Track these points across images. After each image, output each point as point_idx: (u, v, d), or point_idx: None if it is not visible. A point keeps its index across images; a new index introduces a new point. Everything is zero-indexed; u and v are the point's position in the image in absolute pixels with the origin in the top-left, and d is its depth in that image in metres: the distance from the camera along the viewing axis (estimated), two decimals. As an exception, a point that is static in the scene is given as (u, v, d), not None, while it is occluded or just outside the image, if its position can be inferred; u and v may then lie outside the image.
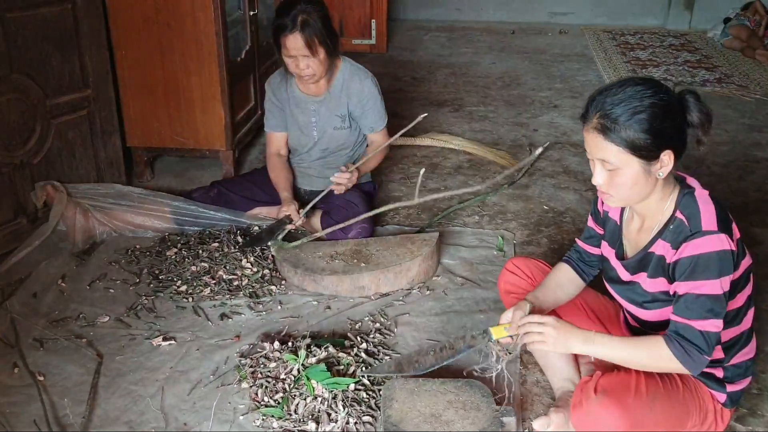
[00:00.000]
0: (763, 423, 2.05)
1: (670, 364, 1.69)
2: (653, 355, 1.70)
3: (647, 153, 1.65)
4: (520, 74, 5.59)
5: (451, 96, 5.02)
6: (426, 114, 2.52)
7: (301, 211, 2.86)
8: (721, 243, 1.66)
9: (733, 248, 1.67)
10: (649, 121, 1.63)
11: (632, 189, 1.72)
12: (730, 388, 1.85)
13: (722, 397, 1.85)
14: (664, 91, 1.67)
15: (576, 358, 2.12)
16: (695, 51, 6.37)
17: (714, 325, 1.67)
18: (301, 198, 3.08)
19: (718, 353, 1.83)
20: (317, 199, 2.84)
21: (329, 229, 2.78)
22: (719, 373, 1.85)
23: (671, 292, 1.77)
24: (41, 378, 2.18)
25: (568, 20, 7.41)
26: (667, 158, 1.67)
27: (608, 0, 7.37)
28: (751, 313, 1.86)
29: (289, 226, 2.85)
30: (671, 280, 1.75)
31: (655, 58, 6.11)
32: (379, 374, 1.97)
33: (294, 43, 2.69)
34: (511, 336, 1.87)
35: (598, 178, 1.74)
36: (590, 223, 2.06)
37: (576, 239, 2.13)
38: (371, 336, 2.39)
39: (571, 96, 5.02)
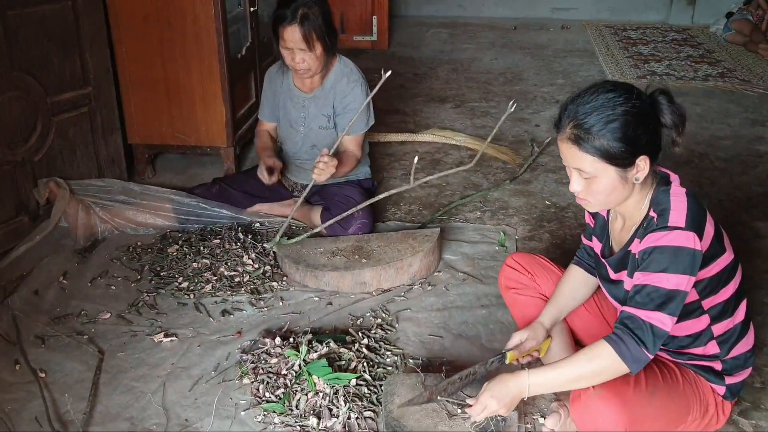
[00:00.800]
0: (767, 417, 2.04)
1: (611, 364, 1.63)
2: (593, 359, 1.64)
3: (622, 161, 1.64)
4: (522, 70, 5.58)
5: (452, 92, 5.01)
6: (390, 71, 2.49)
7: (295, 202, 2.92)
8: (685, 240, 1.63)
9: (698, 248, 1.63)
10: (622, 130, 1.61)
11: (610, 195, 1.71)
12: (729, 380, 1.84)
13: (722, 389, 1.84)
14: (636, 96, 1.64)
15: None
16: (698, 46, 6.34)
17: (661, 320, 1.62)
18: (297, 191, 3.11)
19: (714, 348, 1.82)
20: (306, 192, 2.81)
21: (327, 223, 2.78)
22: (717, 366, 1.84)
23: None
24: (43, 375, 2.19)
25: (570, 16, 7.39)
26: (643, 163, 1.66)
27: (610, -5, 7.35)
28: (743, 305, 1.84)
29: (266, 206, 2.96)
30: None
31: (657, 53, 6.09)
32: (414, 404, 1.95)
33: (291, 35, 2.69)
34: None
35: (576, 186, 1.73)
36: (587, 218, 2.05)
37: (582, 237, 2.11)
38: (372, 332, 2.38)
39: (573, 91, 5.00)
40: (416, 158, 2.61)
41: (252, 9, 3.70)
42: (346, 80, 2.89)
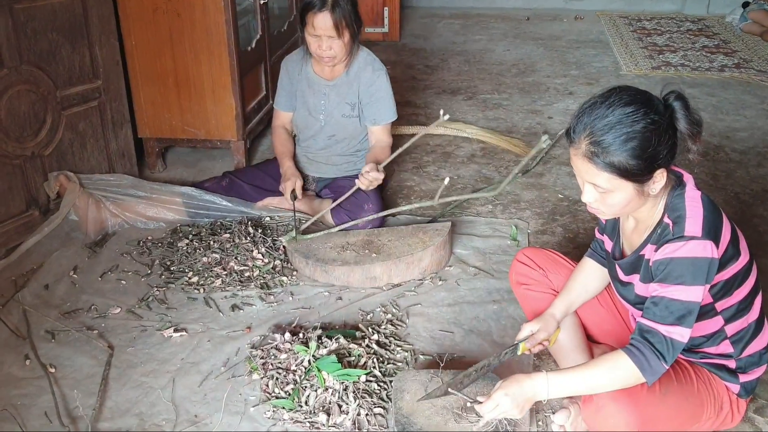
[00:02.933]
0: (783, 415, 2.01)
1: (630, 376, 1.62)
2: (613, 369, 1.63)
3: (640, 177, 1.60)
4: (534, 61, 5.52)
5: (464, 84, 4.96)
6: (447, 116, 2.51)
7: (312, 199, 2.89)
8: (703, 250, 1.60)
9: (716, 257, 1.61)
10: (641, 148, 1.57)
11: (625, 207, 1.68)
12: (743, 378, 1.81)
13: (736, 387, 1.82)
14: (654, 110, 1.59)
15: (590, 350, 2.08)
16: (713, 36, 6.25)
17: (681, 333, 1.61)
18: (308, 184, 3.09)
19: (727, 347, 1.79)
20: (344, 198, 2.81)
21: (348, 224, 2.80)
22: (731, 364, 1.81)
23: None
24: (52, 370, 2.19)
25: (584, 6, 7.30)
26: (660, 176, 1.62)
27: (624, -15, 7.26)
28: (757, 303, 1.81)
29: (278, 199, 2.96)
30: None
31: (672, 43, 6.01)
32: (432, 398, 1.93)
33: (322, 22, 2.68)
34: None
35: (589, 197, 1.69)
36: (598, 234, 2.02)
37: (596, 230, 2.08)
38: (383, 327, 2.37)
39: (587, 83, 4.95)
40: (447, 179, 2.55)
41: (262, 1, 3.68)
42: (371, 69, 2.89)
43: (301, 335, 2.27)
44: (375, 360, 2.16)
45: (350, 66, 2.90)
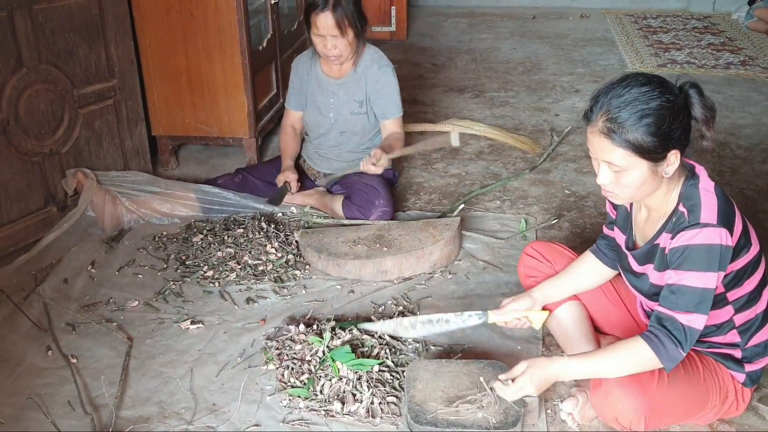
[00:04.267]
0: (786, 404, 2.06)
1: (648, 361, 1.68)
2: (631, 355, 1.69)
3: (655, 155, 1.65)
4: (541, 59, 5.57)
5: (471, 82, 5.01)
6: (457, 141, 2.76)
7: (317, 188, 3.09)
8: (718, 237, 1.65)
9: (730, 244, 1.66)
10: (656, 124, 1.62)
11: (639, 189, 1.71)
12: (748, 367, 1.86)
13: (741, 376, 1.86)
14: (669, 90, 1.65)
15: (597, 339, 2.13)
16: (719, 33, 6.28)
17: (698, 321, 1.66)
18: (319, 180, 3.17)
19: (734, 337, 1.84)
20: (341, 175, 2.95)
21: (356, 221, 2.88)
22: (737, 353, 1.85)
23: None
24: (74, 360, 2.25)
25: (590, 4, 7.34)
26: (674, 157, 1.67)
27: (630, -17, 7.29)
28: (765, 294, 1.85)
29: (289, 194, 3.04)
30: None
31: (677, 41, 6.04)
32: (371, 329, 2.22)
33: (325, 21, 2.74)
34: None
35: (604, 179, 1.73)
36: (608, 208, 2.06)
37: (603, 227, 2.13)
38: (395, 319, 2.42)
39: (593, 80, 4.99)
40: (461, 206, 2.62)
41: (273, 1, 3.74)
42: (377, 66, 2.95)
43: (314, 327, 2.32)
44: (387, 351, 2.22)
45: (357, 64, 2.96)
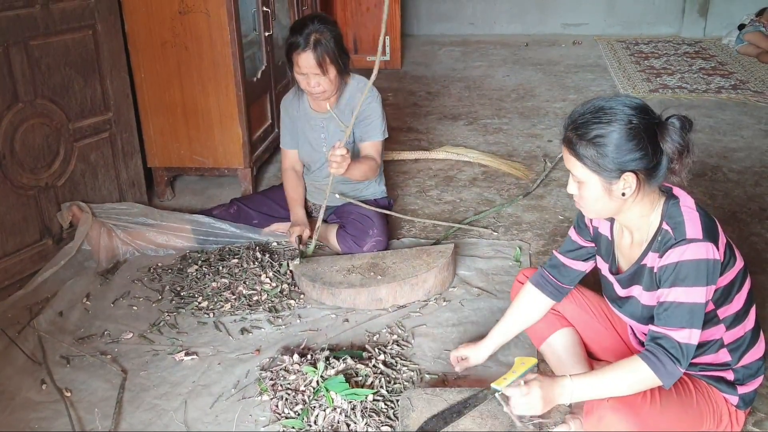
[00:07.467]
0: (782, 427, 2.05)
1: (648, 380, 1.69)
2: (631, 374, 1.70)
3: (607, 173, 1.68)
4: (533, 86, 5.62)
5: (465, 109, 5.06)
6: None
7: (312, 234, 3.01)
8: (706, 251, 1.67)
9: (718, 258, 1.68)
10: (609, 143, 1.65)
11: (595, 204, 1.75)
12: (741, 390, 1.86)
13: (735, 399, 1.86)
14: (640, 114, 1.66)
15: (591, 364, 2.13)
16: (710, 58, 6.36)
17: (692, 336, 1.68)
18: (315, 212, 3.16)
19: (725, 356, 1.84)
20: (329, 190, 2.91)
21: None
22: (729, 375, 1.85)
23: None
24: (68, 394, 2.24)
25: (582, 31, 7.43)
26: (630, 179, 1.68)
27: (621, 9, 7.38)
28: (752, 312, 1.86)
29: (301, 247, 2.97)
30: None
31: (669, 66, 6.11)
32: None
33: (306, 61, 2.76)
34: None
35: (571, 188, 1.79)
36: (573, 235, 2.06)
37: (554, 251, 2.13)
38: (389, 347, 2.42)
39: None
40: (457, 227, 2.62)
41: (267, 33, 3.79)
42: (360, 94, 2.96)
43: (309, 356, 2.32)
44: (382, 380, 2.21)
45: (341, 97, 2.98)
